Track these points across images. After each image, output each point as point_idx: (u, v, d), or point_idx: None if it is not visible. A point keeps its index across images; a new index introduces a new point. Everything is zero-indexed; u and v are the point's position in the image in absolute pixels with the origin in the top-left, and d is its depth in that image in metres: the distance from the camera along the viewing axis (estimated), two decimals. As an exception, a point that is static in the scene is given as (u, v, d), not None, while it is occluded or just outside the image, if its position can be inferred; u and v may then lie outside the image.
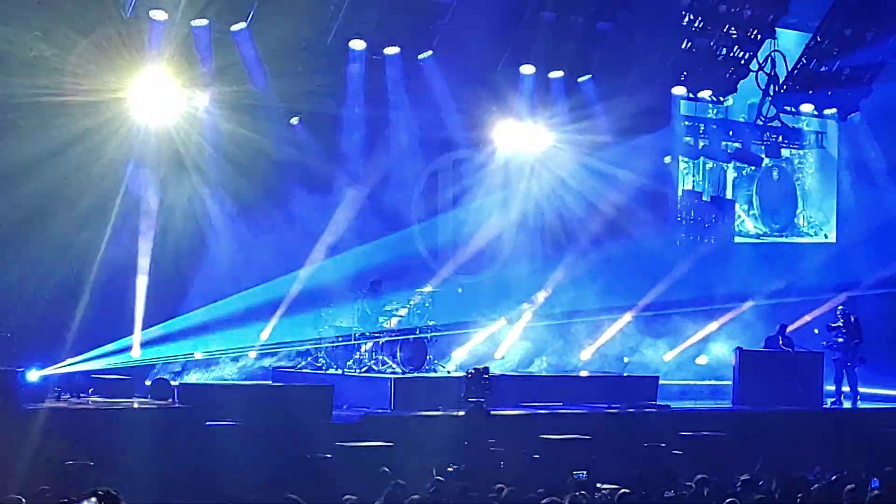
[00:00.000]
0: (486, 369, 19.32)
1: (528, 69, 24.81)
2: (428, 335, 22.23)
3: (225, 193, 22.09)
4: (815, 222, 30.36)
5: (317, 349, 22.25)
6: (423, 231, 25.02)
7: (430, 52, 23.36)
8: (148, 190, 21.28)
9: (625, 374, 24.98)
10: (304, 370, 22.02)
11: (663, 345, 26.45)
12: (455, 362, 23.61)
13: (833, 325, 24.75)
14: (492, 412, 19.08)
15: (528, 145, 25.42)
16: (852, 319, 24.55)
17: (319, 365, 22.10)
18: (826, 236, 30.36)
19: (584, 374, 24.79)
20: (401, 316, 22.17)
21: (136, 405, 18.92)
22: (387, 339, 21.81)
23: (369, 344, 21.82)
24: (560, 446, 19.32)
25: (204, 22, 21.17)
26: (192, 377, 21.85)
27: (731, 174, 29.10)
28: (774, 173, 29.52)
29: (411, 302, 22.39)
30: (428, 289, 22.80)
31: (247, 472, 16.80)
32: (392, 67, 23.42)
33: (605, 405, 22.42)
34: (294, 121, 23.21)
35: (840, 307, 24.72)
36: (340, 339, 22.06)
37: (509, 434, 19.32)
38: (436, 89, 23.83)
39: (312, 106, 23.21)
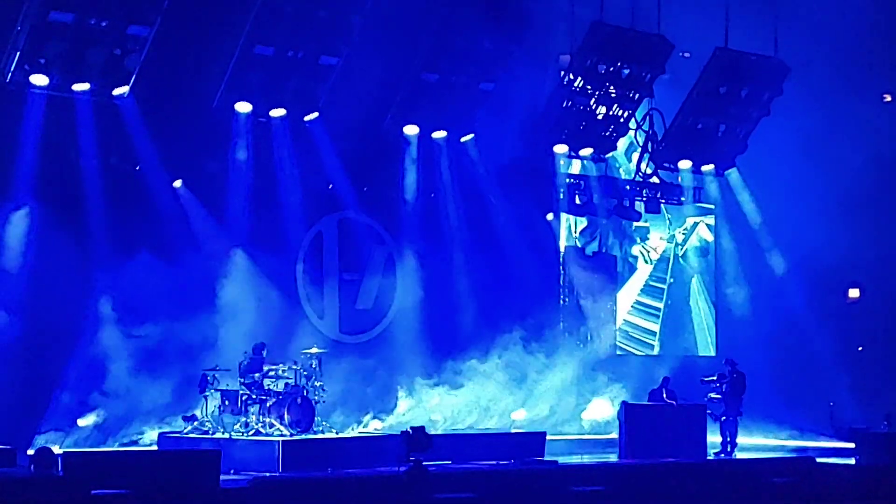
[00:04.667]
0: (423, 428, 19.27)
1: (411, 129, 25.10)
2: (315, 397, 22.14)
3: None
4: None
5: (203, 413, 22.01)
6: (309, 292, 25.00)
7: (315, 114, 23.47)
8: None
9: (512, 431, 25.08)
10: (191, 434, 21.77)
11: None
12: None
13: (706, 378, 25.10)
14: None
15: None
16: (733, 373, 24.87)
17: (206, 429, 21.85)
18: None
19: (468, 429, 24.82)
20: (287, 378, 22.04)
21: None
22: (273, 401, 21.65)
23: (256, 406, 21.66)
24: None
25: (86, 86, 21.05)
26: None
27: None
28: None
29: (297, 364, 22.28)
30: (314, 350, 22.72)
31: (134, 542, 16.53)
32: (278, 129, 23.50)
33: (494, 462, 22.52)
34: (177, 184, 23.11)
35: (726, 360, 25.11)
36: (227, 402, 21.85)
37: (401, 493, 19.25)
38: (322, 150, 23.98)
39: (197, 168, 23.20)
